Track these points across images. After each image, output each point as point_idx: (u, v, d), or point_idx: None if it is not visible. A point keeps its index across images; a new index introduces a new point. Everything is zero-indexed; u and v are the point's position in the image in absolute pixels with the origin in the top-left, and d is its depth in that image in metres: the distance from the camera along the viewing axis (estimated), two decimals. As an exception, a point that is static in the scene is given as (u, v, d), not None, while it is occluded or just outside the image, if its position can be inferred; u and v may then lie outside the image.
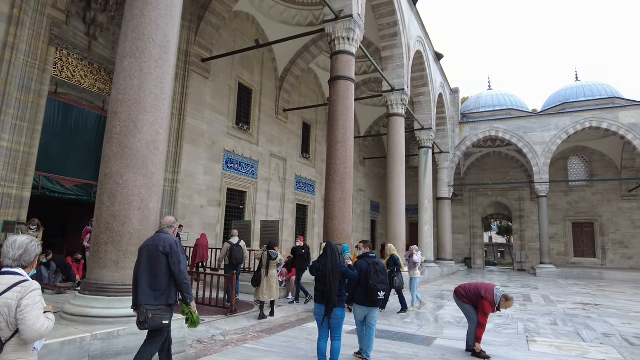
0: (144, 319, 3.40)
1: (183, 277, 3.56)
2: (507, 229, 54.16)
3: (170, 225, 3.80)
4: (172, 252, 3.51)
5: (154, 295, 3.46)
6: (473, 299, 5.36)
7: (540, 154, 22.01)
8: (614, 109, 21.24)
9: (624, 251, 24.46)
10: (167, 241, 3.55)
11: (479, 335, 5.24)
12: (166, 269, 3.50)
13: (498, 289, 5.30)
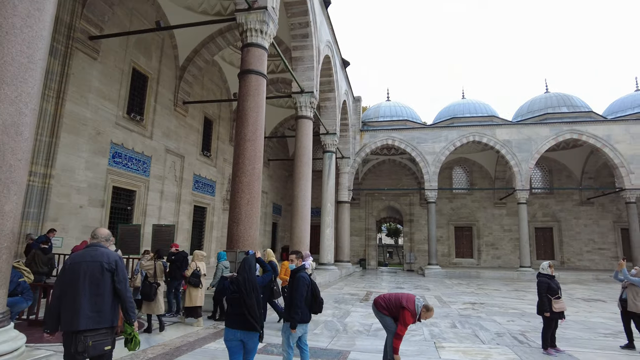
0: (83, 348, 2.99)
1: (130, 295, 3.32)
2: (395, 231, 58.17)
3: (107, 239, 3.45)
4: (117, 269, 3.24)
5: (96, 318, 3.07)
6: (394, 310, 5.17)
7: (431, 163, 23.77)
8: (493, 126, 23.89)
9: (495, 252, 27.71)
10: (110, 257, 3.25)
11: (396, 347, 5.07)
12: (111, 288, 3.19)
13: (419, 299, 5.19)
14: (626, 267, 7.11)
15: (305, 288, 4.55)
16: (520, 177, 22.97)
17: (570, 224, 27.43)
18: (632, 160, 22.34)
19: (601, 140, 22.69)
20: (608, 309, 11.24)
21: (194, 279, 7.55)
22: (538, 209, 27.71)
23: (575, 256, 26.93)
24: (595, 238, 27.06)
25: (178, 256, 8.42)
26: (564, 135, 23.16)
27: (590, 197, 27.17)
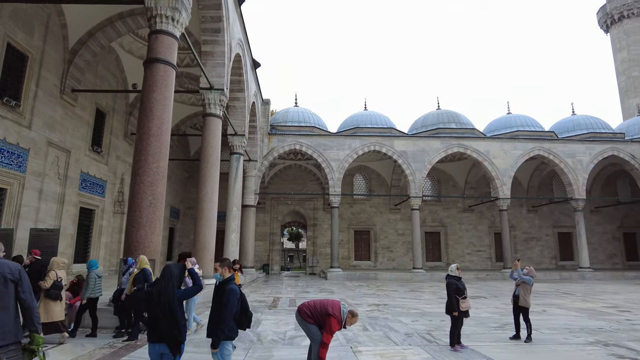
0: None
1: (35, 305, 3.14)
2: (296, 235, 58.74)
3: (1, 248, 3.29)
4: (22, 280, 3.04)
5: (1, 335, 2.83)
6: (319, 318, 5.01)
7: (335, 169, 24.43)
8: (391, 138, 25.47)
9: (390, 254, 29.50)
10: (12, 267, 3.02)
11: (323, 357, 4.92)
12: (14, 299, 2.99)
13: (344, 305, 5.11)
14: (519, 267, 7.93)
15: (236, 302, 4.13)
16: (414, 185, 24.80)
17: (454, 229, 30.44)
18: (505, 173, 25.62)
19: (482, 154, 25.62)
20: (491, 305, 12.55)
21: (55, 291, 6.58)
22: (428, 215, 30.22)
23: (458, 258, 29.92)
24: (474, 241, 30.44)
25: (33, 267, 7.34)
26: (452, 149, 25.65)
27: (471, 205, 30.51)
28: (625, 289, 17.94)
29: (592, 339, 7.49)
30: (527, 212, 31.34)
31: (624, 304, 12.98)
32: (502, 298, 14.48)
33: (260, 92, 23.27)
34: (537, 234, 31.14)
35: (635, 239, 31.60)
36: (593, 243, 29.85)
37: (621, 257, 31.19)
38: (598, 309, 11.61)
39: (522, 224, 31.08)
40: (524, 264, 29.74)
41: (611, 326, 8.91)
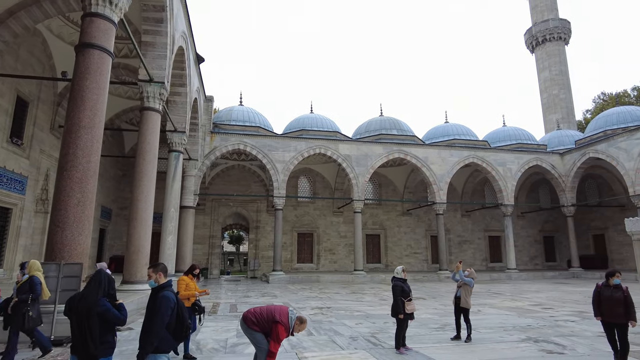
0: None
1: None
2: (237, 238, 57.44)
3: None
4: None
5: None
6: (265, 325, 4.75)
7: (280, 171, 24.13)
8: (336, 141, 25.68)
9: (332, 257, 29.70)
10: None
11: (270, 366, 4.67)
12: None
13: (292, 311, 4.90)
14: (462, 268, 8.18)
15: (169, 311, 3.69)
16: (357, 189, 25.18)
17: (393, 232, 31.32)
18: (442, 179, 26.81)
19: (421, 160, 26.62)
20: (430, 306, 12.96)
21: None
22: (369, 218, 30.83)
23: (396, 260, 30.80)
24: (412, 244, 31.52)
25: None
26: (393, 154, 26.38)
27: (410, 208, 31.58)
28: (546, 288, 19.43)
29: (524, 336, 7.92)
30: (461, 217, 33.03)
31: (546, 301, 14.00)
32: (440, 299, 15.02)
33: (203, 89, 22.42)
34: (470, 237, 32.93)
35: (553, 242, 34.48)
36: (518, 246, 32.10)
37: (541, 259, 33.89)
38: (525, 307, 12.40)
39: (457, 228, 32.71)
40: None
41: (538, 323, 9.52)
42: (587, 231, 32.13)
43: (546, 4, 45.89)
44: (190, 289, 6.50)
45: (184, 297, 6.36)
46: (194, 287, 6.63)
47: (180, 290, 6.50)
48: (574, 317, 10.39)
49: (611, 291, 6.05)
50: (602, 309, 6.07)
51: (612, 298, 5.96)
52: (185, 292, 6.45)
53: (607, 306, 5.98)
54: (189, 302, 6.40)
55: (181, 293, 6.45)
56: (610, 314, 5.97)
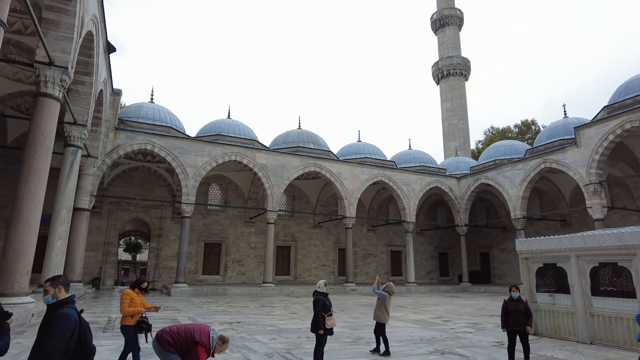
0: None
1: None
2: (135, 246, 53.06)
3: None
4: None
5: None
6: (183, 346, 4.29)
7: (191, 176, 22.89)
8: (254, 150, 25.22)
9: (240, 268, 28.82)
10: None
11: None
12: None
13: (213, 330, 4.50)
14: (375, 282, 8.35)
15: (68, 333, 3.08)
16: (272, 200, 24.91)
17: (304, 244, 31.52)
18: (352, 195, 27.75)
19: (335, 175, 27.31)
20: (340, 319, 13.07)
21: None
22: (281, 229, 30.63)
23: (305, 272, 30.97)
24: (321, 256, 32.00)
25: None
26: (309, 168, 26.70)
27: (321, 221, 32.11)
28: (442, 301, 20.99)
29: (431, 349, 8.33)
30: (367, 231, 34.47)
31: (444, 314, 15.06)
32: (349, 312, 15.30)
33: (111, 81, 20.50)
34: (374, 251, 34.48)
35: (447, 258, 37.63)
36: (417, 261, 34.34)
37: (436, 273, 36.72)
38: (428, 320, 13.18)
39: (362, 242, 34.02)
40: (361, 278, 32.51)
41: (441, 335, 10.13)
42: (476, 249, 35.66)
43: (451, 42, 50.91)
44: (135, 305, 5.75)
45: (128, 314, 5.61)
46: (140, 303, 5.87)
47: (124, 306, 5.69)
48: (470, 329, 11.28)
49: (515, 304, 6.81)
50: (509, 320, 6.88)
51: (517, 310, 6.80)
52: (130, 308, 5.69)
53: (513, 317, 6.81)
54: (133, 319, 5.68)
55: (124, 309, 5.65)
56: (515, 324, 6.84)
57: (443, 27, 51.96)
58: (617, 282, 8.94)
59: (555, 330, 9.53)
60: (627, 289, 8.54)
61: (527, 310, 6.92)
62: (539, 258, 10.19)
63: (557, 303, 9.58)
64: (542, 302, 9.61)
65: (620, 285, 8.79)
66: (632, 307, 8.23)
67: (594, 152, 22.29)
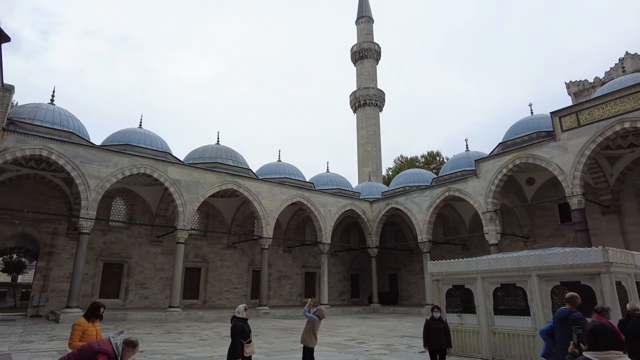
0: None
1: None
2: (16, 265, 46.28)
3: None
4: None
5: None
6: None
7: (93, 188, 20.75)
8: (166, 163, 23.74)
9: (143, 291, 26.49)
10: None
11: None
12: None
13: (114, 337, 3.96)
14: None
15: None
16: (183, 217, 23.52)
17: (216, 265, 30.11)
18: (270, 214, 27.37)
19: (253, 194, 26.74)
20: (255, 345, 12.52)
21: None
22: (191, 250, 28.96)
23: (215, 295, 29.49)
24: (234, 279, 30.79)
25: None
26: (227, 185, 25.83)
27: (235, 242, 31.06)
28: (355, 323, 21.30)
29: (350, 373, 8.26)
30: (283, 252, 34.10)
31: (358, 336, 15.23)
32: (262, 336, 14.76)
33: (1, 74, 17.99)
34: (289, 272, 34.14)
35: (358, 279, 38.61)
36: (330, 282, 34.70)
37: (348, 295, 37.41)
38: (343, 343, 13.18)
39: (278, 263, 33.52)
40: (275, 301, 31.91)
41: (358, 358, 10.15)
42: (385, 271, 37.14)
43: (369, 74, 53.94)
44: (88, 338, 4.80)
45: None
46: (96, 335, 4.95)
47: (74, 339, 4.68)
48: (384, 350, 11.49)
49: (436, 323, 7.09)
50: (431, 338, 7.17)
51: (438, 329, 7.06)
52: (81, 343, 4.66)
53: (434, 336, 7.03)
54: None
55: (74, 343, 4.57)
56: (436, 342, 7.16)
57: (362, 59, 54.92)
58: (508, 301, 9.83)
59: (463, 348, 10.10)
60: (521, 307, 9.38)
61: (447, 329, 7.30)
62: (449, 280, 10.81)
63: (464, 323, 10.18)
64: (451, 322, 10.14)
65: (515, 304, 9.64)
66: (526, 324, 9.04)
67: (491, 183, 24.76)
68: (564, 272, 8.50)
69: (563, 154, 21.17)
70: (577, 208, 20.51)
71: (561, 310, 5.38)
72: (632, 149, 22.68)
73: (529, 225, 28.35)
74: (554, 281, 8.69)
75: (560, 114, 21.68)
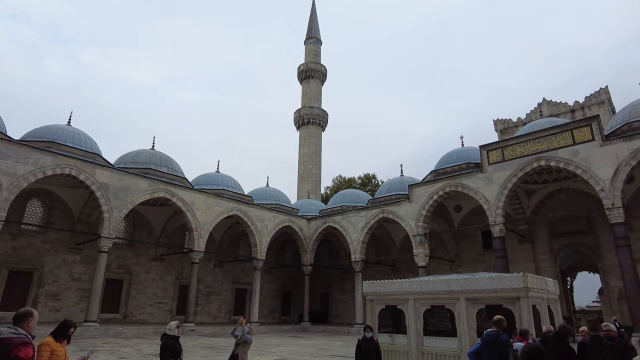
0: None
1: None
2: None
3: None
4: None
5: None
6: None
7: (5, 187, 18.69)
8: (95, 165, 22.12)
9: (56, 304, 24.07)
10: None
11: None
12: None
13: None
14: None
15: None
16: (109, 224, 21.97)
17: (140, 278, 28.28)
18: (204, 227, 26.41)
19: (187, 204, 25.69)
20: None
21: None
22: (115, 260, 27.00)
23: (137, 309, 27.60)
24: (159, 292, 29.07)
25: None
26: (159, 193, 24.59)
27: (163, 254, 29.48)
28: (285, 341, 20.97)
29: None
30: (213, 267, 32.92)
31: (289, 355, 15.00)
32: (189, 355, 14.04)
33: None
34: (219, 288, 32.97)
35: (290, 297, 38.25)
36: (262, 299, 33.89)
37: (279, 312, 36.86)
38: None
39: (207, 278, 32.27)
40: (202, 317, 30.59)
41: (289, 378, 9.96)
42: (318, 289, 37.20)
43: (314, 93, 54.96)
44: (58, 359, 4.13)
45: None
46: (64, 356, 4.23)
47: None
48: (316, 370, 11.39)
49: (368, 343, 7.22)
50: (362, 358, 7.36)
51: (369, 349, 7.18)
52: None
53: (365, 356, 7.15)
54: None
55: None
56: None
57: (308, 79, 55.86)
58: (434, 322, 10.23)
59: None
60: (448, 328, 9.83)
61: (378, 349, 7.41)
62: (383, 300, 11.08)
63: (395, 343, 10.45)
64: (382, 342, 10.34)
65: (442, 326, 10.08)
66: (453, 345, 9.48)
67: (422, 208, 26.02)
68: (489, 295, 9.09)
69: (489, 185, 22.90)
70: (499, 236, 22.17)
71: (489, 333, 5.73)
72: (546, 184, 25.12)
73: (455, 249, 30.06)
74: (479, 304, 9.25)
75: (488, 148, 23.53)
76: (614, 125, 22.25)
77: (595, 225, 24.03)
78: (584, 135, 20.42)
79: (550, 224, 25.94)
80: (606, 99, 38.96)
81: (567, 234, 25.37)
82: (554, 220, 25.45)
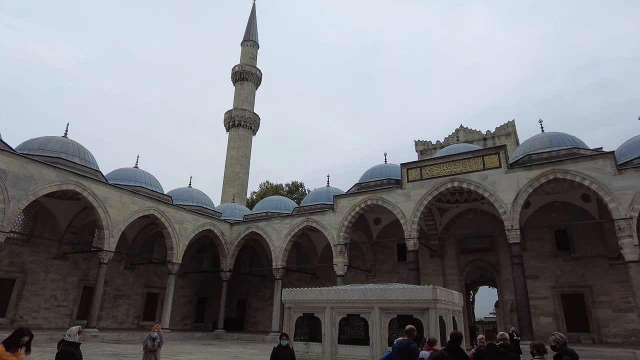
0: None
1: None
2: None
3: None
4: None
5: None
6: None
7: None
8: (-8, 149, 19.67)
9: None
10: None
11: None
12: None
13: None
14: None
15: None
16: (3, 217, 19.57)
17: (38, 278, 25.51)
18: (116, 226, 24.62)
19: (99, 200, 23.79)
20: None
21: None
22: (6, 257, 24.06)
23: (30, 313, 24.79)
24: (58, 294, 26.43)
25: None
26: (68, 186, 22.52)
27: (68, 252, 26.92)
28: (197, 349, 20.18)
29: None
30: (124, 269, 30.78)
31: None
32: (88, 363, 12.92)
33: None
34: (128, 292, 30.86)
35: (205, 303, 36.94)
36: (175, 305, 32.36)
37: (192, 319, 35.39)
38: (183, 371, 12.35)
39: (116, 281, 30.07)
40: (107, 322, 28.40)
41: (199, 387, 9.62)
42: (235, 296, 36.40)
43: (247, 96, 54.23)
44: None
45: None
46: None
47: None
48: (228, 379, 11.13)
49: (283, 351, 7.31)
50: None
51: (284, 357, 7.25)
52: None
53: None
54: None
55: None
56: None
57: (242, 81, 55.04)
58: (348, 330, 10.59)
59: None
60: (361, 337, 10.21)
61: (293, 357, 7.49)
62: (301, 308, 11.20)
63: (310, 351, 10.59)
64: (298, 350, 10.44)
65: (356, 334, 10.45)
66: (365, 353, 9.86)
67: (345, 219, 26.79)
68: (401, 306, 9.62)
69: (406, 201, 24.28)
70: (412, 249, 23.54)
71: (400, 341, 6.08)
72: (457, 204, 27.27)
73: (372, 260, 31.30)
74: (392, 314, 9.75)
75: (408, 166, 25.00)
76: (517, 155, 24.90)
77: (497, 244, 26.58)
78: (493, 162, 22.59)
79: (459, 241, 28.15)
80: (512, 131, 43.57)
81: (472, 251, 27.71)
82: (462, 238, 27.69)
